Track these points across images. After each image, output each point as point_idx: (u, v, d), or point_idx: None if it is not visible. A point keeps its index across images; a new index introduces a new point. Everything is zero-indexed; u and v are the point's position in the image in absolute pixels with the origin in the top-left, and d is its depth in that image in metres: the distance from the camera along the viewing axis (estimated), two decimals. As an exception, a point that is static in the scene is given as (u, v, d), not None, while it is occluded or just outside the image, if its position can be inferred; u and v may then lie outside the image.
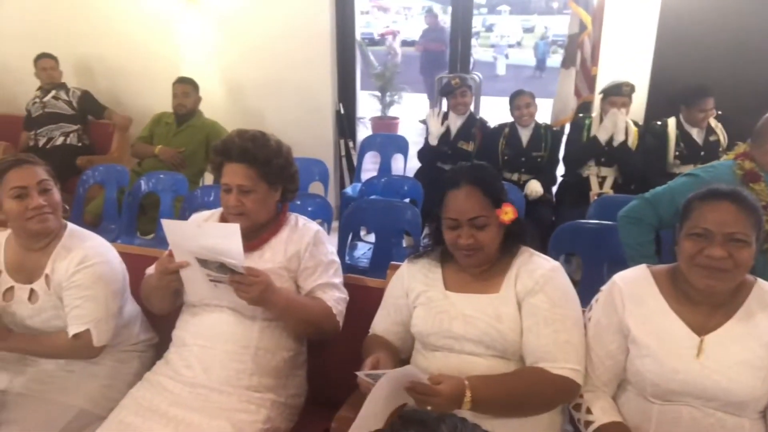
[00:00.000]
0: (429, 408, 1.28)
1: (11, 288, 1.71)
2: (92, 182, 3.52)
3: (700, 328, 1.34)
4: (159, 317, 1.83)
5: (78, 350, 1.67)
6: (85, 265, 1.67)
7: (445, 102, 3.99)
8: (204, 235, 1.50)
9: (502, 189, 1.49)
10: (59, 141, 4.17)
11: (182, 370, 1.62)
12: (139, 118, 4.33)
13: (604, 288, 1.48)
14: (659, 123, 3.48)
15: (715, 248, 1.29)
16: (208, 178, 3.95)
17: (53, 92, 4.23)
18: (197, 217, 1.85)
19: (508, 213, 1.44)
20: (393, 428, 1.35)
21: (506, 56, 14.88)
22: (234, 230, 1.45)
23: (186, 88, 3.78)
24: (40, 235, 1.69)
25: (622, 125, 3.36)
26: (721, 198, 1.32)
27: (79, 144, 4.23)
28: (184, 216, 3.04)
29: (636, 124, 3.50)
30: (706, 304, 1.36)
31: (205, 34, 4.43)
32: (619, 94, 3.38)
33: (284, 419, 1.66)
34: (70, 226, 1.78)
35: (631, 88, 3.40)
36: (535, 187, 3.44)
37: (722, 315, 1.35)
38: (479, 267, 1.49)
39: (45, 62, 4.22)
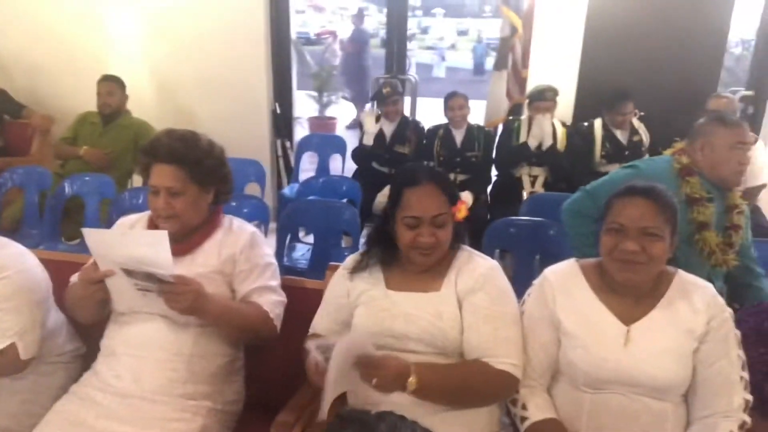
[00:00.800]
0: (374, 381, 1.28)
1: None
2: (10, 185, 3.32)
3: (627, 317, 1.41)
4: (86, 326, 1.74)
5: (5, 366, 1.57)
6: (3, 276, 1.56)
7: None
8: (129, 244, 1.44)
9: (455, 187, 1.52)
10: (-30, 142, 3.91)
11: (111, 380, 1.55)
12: (62, 117, 4.11)
13: (535, 282, 1.53)
14: (586, 124, 3.63)
15: (629, 242, 1.36)
16: (137, 181, 3.79)
17: (-37, 91, 3.96)
18: (124, 221, 1.77)
19: (461, 210, 1.48)
20: (331, 428, 1.34)
21: (443, 58, 15.08)
22: (161, 237, 1.39)
23: (110, 86, 3.62)
24: None
25: (549, 130, 3.49)
26: (635, 195, 1.39)
27: (-7, 145, 3.99)
28: (111, 220, 2.91)
29: (564, 124, 3.64)
30: (630, 295, 1.43)
31: (134, 30, 4.26)
32: (543, 99, 3.51)
33: (221, 427, 1.61)
34: None
35: (554, 93, 3.53)
36: (467, 198, 3.49)
37: (646, 305, 1.42)
38: (431, 265, 1.50)
39: (-46, 59, 3.95)
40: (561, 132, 3.59)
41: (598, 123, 3.59)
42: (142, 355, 1.56)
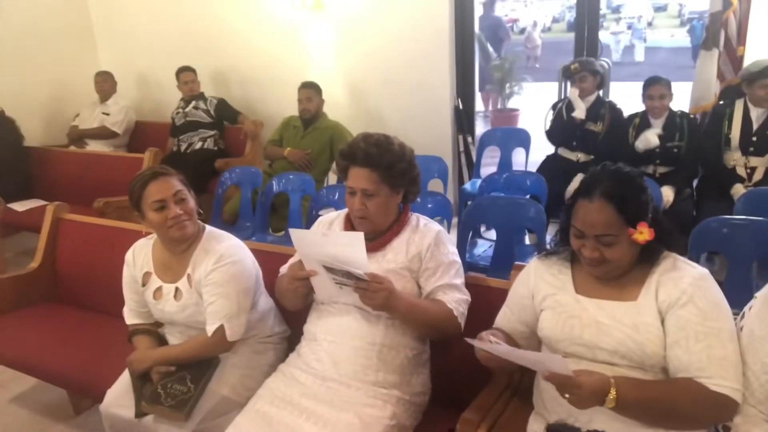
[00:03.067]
0: (567, 396, 1.23)
1: (160, 287, 1.90)
2: (229, 183, 3.78)
3: None
4: (291, 312, 1.93)
5: (214, 346, 1.82)
6: (221, 265, 1.81)
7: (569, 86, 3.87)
8: (329, 243, 1.55)
9: (643, 205, 1.35)
10: (198, 146, 4.55)
11: (313, 363, 1.71)
12: (270, 122, 4.61)
13: (759, 294, 1.33)
14: None
15: None
16: (333, 178, 4.10)
17: (193, 102, 4.60)
18: (323, 219, 1.92)
19: (643, 233, 1.32)
20: None
21: (644, 39, 13.79)
22: (358, 239, 1.49)
23: (309, 93, 3.94)
24: (181, 240, 1.86)
25: None
26: None
27: (215, 148, 4.59)
28: (311, 214, 3.19)
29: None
30: None
31: (328, 40, 4.60)
32: (766, 77, 3.03)
33: (409, 416, 1.68)
34: (208, 228, 1.94)
35: None
36: (666, 194, 3.17)
37: None
38: (606, 277, 1.41)
39: (186, 76, 4.61)
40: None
41: None
42: (339, 341, 1.69)
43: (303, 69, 4.64)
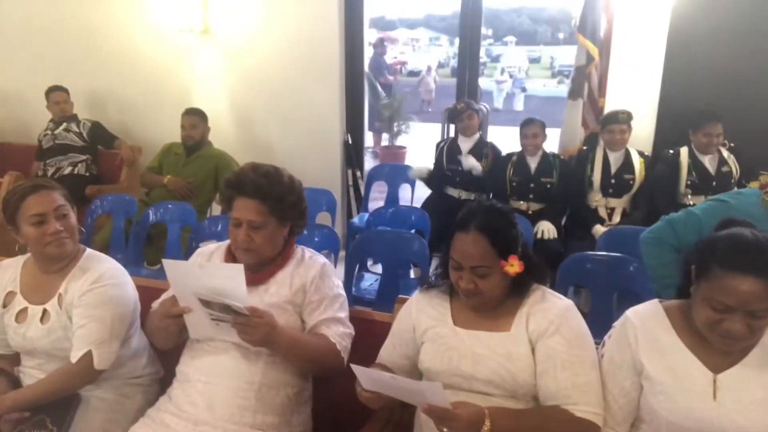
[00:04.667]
0: (445, 430, 1.26)
1: (25, 309, 1.72)
2: (100, 212, 3.52)
3: (715, 366, 1.30)
4: (164, 350, 1.80)
5: (78, 375, 1.66)
6: (98, 285, 1.68)
7: (453, 128, 4.07)
8: (206, 275, 1.48)
9: (514, 239, 1.43)
10: (67, 171, 4.22)
11: (186, 406, 1.59)
12: (149, 148, 4.38)
13: (616, 324, 1.45)
14: (671, 151, 3.46)
15: (735, 323, 1.21)
16: (216, 209, 3.95)
17: (64, 124, 4.28)
18: (202, 250, 1.83)
19: (513, 266, 1.39)
20: None
21: (523, 90, 14.87)
22: (238, 271, 1.43)
23: (193, 119, 3.80)
24: (58, 258, 1.71)
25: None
26: (748, 272, 1.18)
27: (87, 174, 4.27)
28: (191, 246, 3.04)
29: (642, 154, 3.49)
30: None
31: (216, 66, 4.49)
32: (615, 121, 3.40)
33: (288, 458, 1.62)
34: (89, 250, 1.81)
35: (628, 116, 3.40)
36: (547, 228, 3.37)
37: (738, 353, 1.30)
38: (480, 308, 1.47)
39: (57, 96, 4.28)
40: (639, 162, 3.45)
41: (684, 151, 3.40)
42: (214, 382, 1.60)
43: (188, 95, 4.48)
